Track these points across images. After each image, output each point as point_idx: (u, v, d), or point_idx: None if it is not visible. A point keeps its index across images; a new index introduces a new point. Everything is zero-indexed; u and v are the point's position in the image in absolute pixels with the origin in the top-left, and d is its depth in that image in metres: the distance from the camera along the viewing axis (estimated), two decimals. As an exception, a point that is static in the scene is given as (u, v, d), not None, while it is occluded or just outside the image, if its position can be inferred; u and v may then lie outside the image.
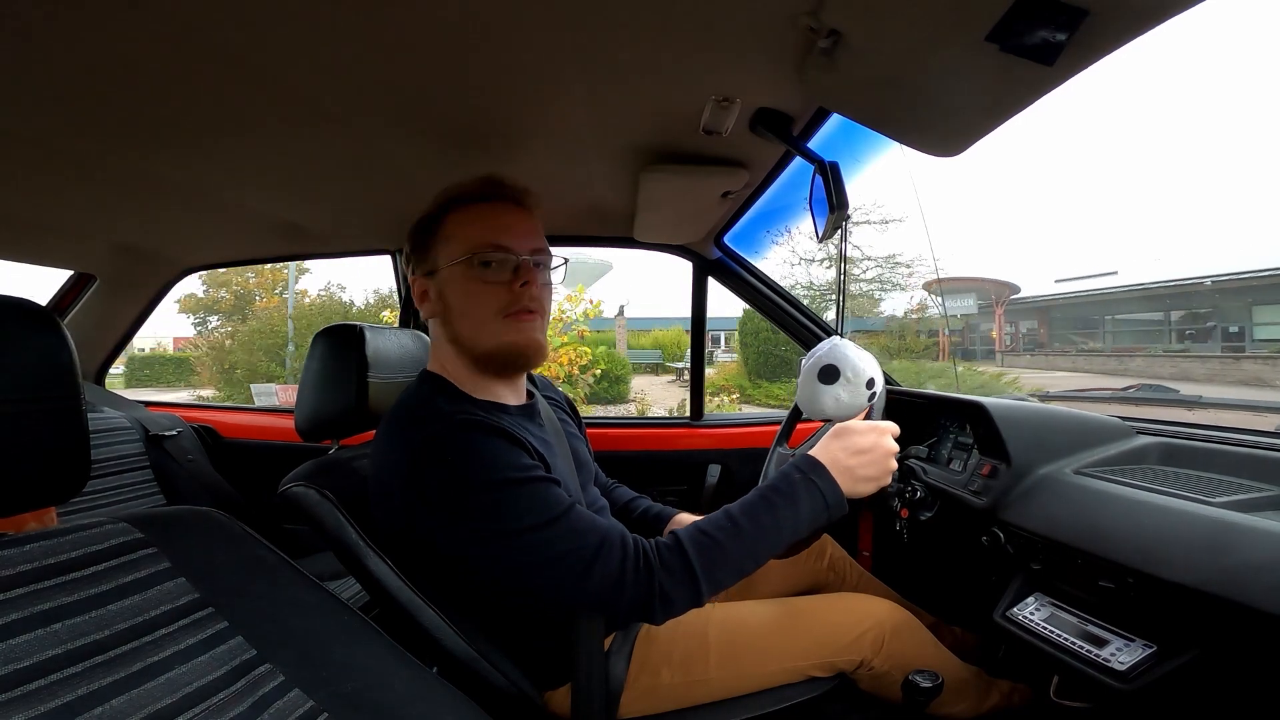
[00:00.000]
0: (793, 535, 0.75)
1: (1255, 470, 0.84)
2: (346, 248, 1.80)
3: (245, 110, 0.85)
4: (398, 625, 0.74)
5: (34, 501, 0.44)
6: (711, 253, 1.64)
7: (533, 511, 0.69)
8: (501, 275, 0.79)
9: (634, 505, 1.12)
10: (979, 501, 1.00)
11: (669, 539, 0.73)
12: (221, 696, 0.44)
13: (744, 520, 0.73)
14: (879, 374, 0.91)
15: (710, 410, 2.19)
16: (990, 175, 29.00)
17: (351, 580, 0.79)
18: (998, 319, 16.85)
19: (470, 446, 0.71)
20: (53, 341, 0.45)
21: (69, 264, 1.72)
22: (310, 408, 1.00)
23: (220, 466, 1.76)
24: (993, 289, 16.82)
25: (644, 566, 0.70)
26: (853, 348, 0.91)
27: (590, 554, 0.69)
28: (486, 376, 0.84)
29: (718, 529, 0.73)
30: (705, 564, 0.71)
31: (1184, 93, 34.52)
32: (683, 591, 0.70)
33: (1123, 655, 0.73)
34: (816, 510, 0.75)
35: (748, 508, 0.75)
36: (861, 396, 0.89)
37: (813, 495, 0.75)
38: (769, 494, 0.76)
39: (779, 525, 0.74)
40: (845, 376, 0.88)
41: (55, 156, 0.99)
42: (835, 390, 0.88)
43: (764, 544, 0.73)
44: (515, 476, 0.70)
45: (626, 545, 0.71)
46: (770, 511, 0.74)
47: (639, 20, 0.66)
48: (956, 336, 16.29)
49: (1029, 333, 17.70)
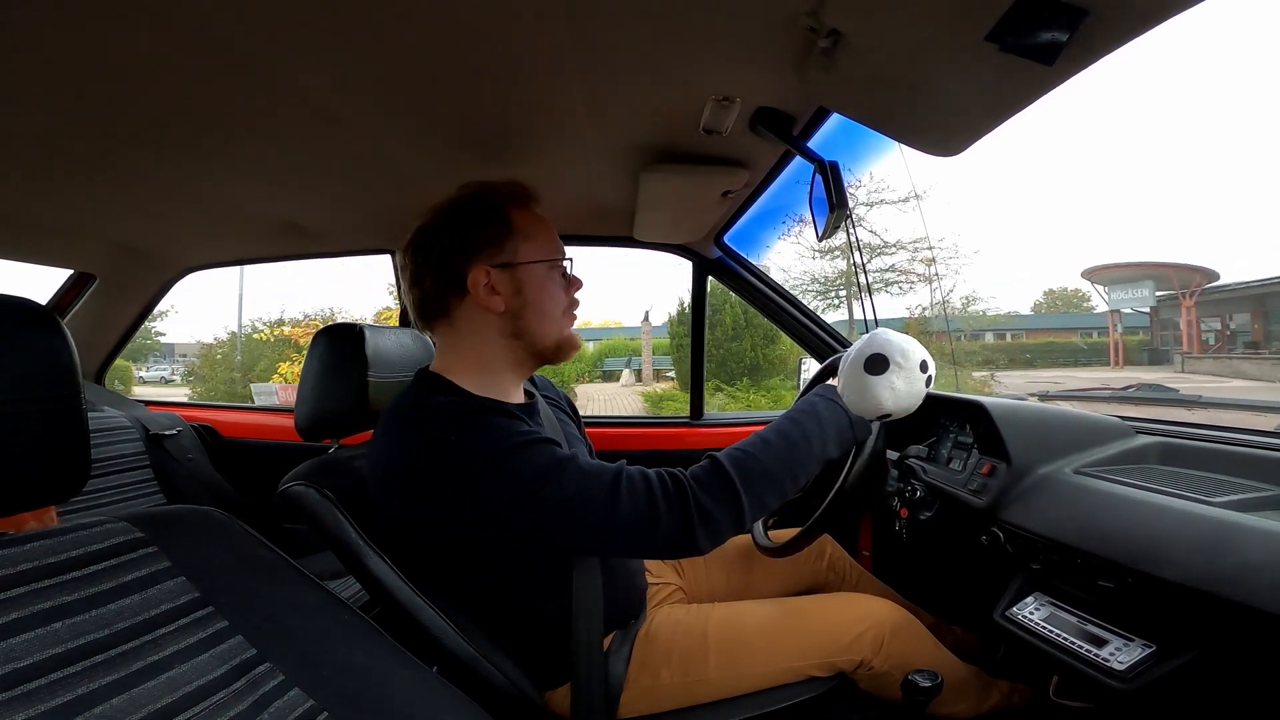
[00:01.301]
0: (821, 452, 0.77)
1: (1255, 470, 0.84)
2: (346, 247, 1.81)
3: (245, 110, 0.85)
4: (398, 624, 0.74)
5: (34, 501, 0.44)
6: (711, 252, 1.64)
7: (537, 467, 0.70)
8: (563, 280, 0.87)
9: None
10: (979, 501, 1.00)
11: (705, 461, 0.73)
12: (221, 695, 0.44)
13: (775, 438, 0.75)
14: (930, 357, 0.83)
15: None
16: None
17: (351, 580, 0.79)
18: (1186, 313, 13.22)
19: (468, 436, 0.71)
20: (53, 341, 0.45)
21: (69, 264, 1.71)
22: (310, 407, 1.00)
23: (220, 466, 1.76)
24: (1176, 275, 13.48)
25: (676, 489, 0.69)
26: (893, 333, 0.84)
27: (609, 488, 0.69)
28: (511, 374, 0.86)
29: (753, 446, 0.74)
30: (745, 479, 0.71)
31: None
32: (726, 511, 0.69)
33: (1122, 655, 0.73)
34: (841, 425, 0.78)
35: (776, 429, 0.77)
36: (919, 382, 0.80)
37: (835, 412, 0.78)
38: (794, 415, 0.78)
39: (809, 439, 0.76)
40: (896, 362, 0.79)
41: (55, 156, 0.99)
42: (889, 379, 0.79)
43: (798, 458, 0.75)
44: (516, 442, 0.71)
45: (649, 475, 0.71)
46: (799, 427, 0.76)
47: (639, 20, 0.66)
48: (1140, 334, 13.01)
49: (1234, 330, 13.11)
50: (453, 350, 0.85)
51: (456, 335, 0.84)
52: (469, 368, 0.83)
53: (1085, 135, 23.26)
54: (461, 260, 0.81)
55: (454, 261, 0.81)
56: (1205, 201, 24.50)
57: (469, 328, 0.83)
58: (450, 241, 0.82)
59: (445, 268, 0.82)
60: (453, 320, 0.84)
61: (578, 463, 0.71)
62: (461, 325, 0.83)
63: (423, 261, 0.83)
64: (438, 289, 0.83)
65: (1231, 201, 23.65)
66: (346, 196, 1.28)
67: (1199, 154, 28.03)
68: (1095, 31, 0.50)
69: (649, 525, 0.68)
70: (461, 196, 0.85)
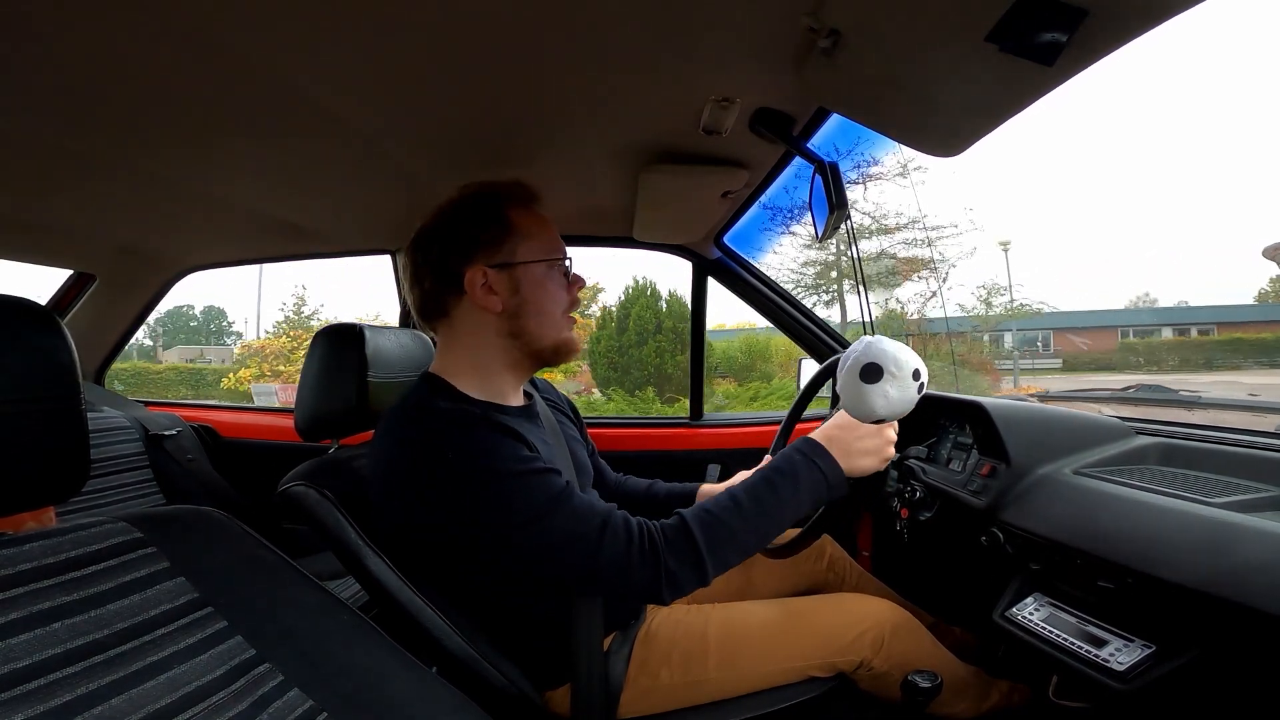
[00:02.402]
0: (794, 513, 0.77)
1: (1254, 470, 0.84)
2: (346, 248, 1.80)
3: (245, 110, 0.85)
4: (397, 625, 0.73)
5: (33, 501, 0.44)
6: (711, 252, 1.64)
7: (532, 502, 0.70)
8: (564, 279, 0.87)
9: (655, 490, 1.14)
10: (978, 502, 1.00)
11: (674, 519, 0.74)
12: (221, 696, 0.44)
13: (747, 500, 0.75)
14: (923, 365, 0.87)
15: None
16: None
17: (351, 580, 0.79)
18: None
19: (469, 441, 0.71)
20: (53, 341, 0.44)
21: (69, 264, 1.72)
22: (310, 407, 1.00)
23: (220, 466, 1.76)
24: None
25: (650, 548, 0.71)
26: (889, 341, 0.87)
27: (595, 536, 0.70)
28: (510, 375, 0.86)
29: (721, 509, 0.74)
30: (710, 543, 0.72)
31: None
32: (689, 572, 0.71)
33: (1122, 655, 0.73)
34: (817, 488, 0.77)
35: (750, 488, 0.76)
36: (911, 390, 0.82)
37: (813, 474, 0.77)
38: (771, 474, 0.77)
39: (781, 503, 0.76)
40: (890, 372, 0.81)
41: (55, 156, 0.99)
42: (883, 388, 0.81)
43: (767, 522, 0.75)
44: (514, 469, 0.71)
45: (630, 527, 0.72)
46: (772, 491, 0.76)
47: (639, 20, 0.66)
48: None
49: None
50: (452, 350, 0.85)
51: (455, 335, 0.84)
52: (467, 369, 0.83)
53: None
54: (459, 260, 0.81)
55: (452, 261, 0.81)
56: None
57: (467, 328, 0.83)
58: (449, 241, 0.82)
59: (444, 267, 0.82)
60: (452, 320, 0.84)
61: (570, 506, 0.71)
62: (460, 325, 0.84)
63: (422, 261, 0.84)
64: (437, 289, 0.83)
65: None
66: (346, 196, 1.28)
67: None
68: (1095, 32, 0.50)
69: (623, 575, 0.71)
70: (462, 196, 0.85)
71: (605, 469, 1.17)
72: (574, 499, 0.72)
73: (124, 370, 10.24)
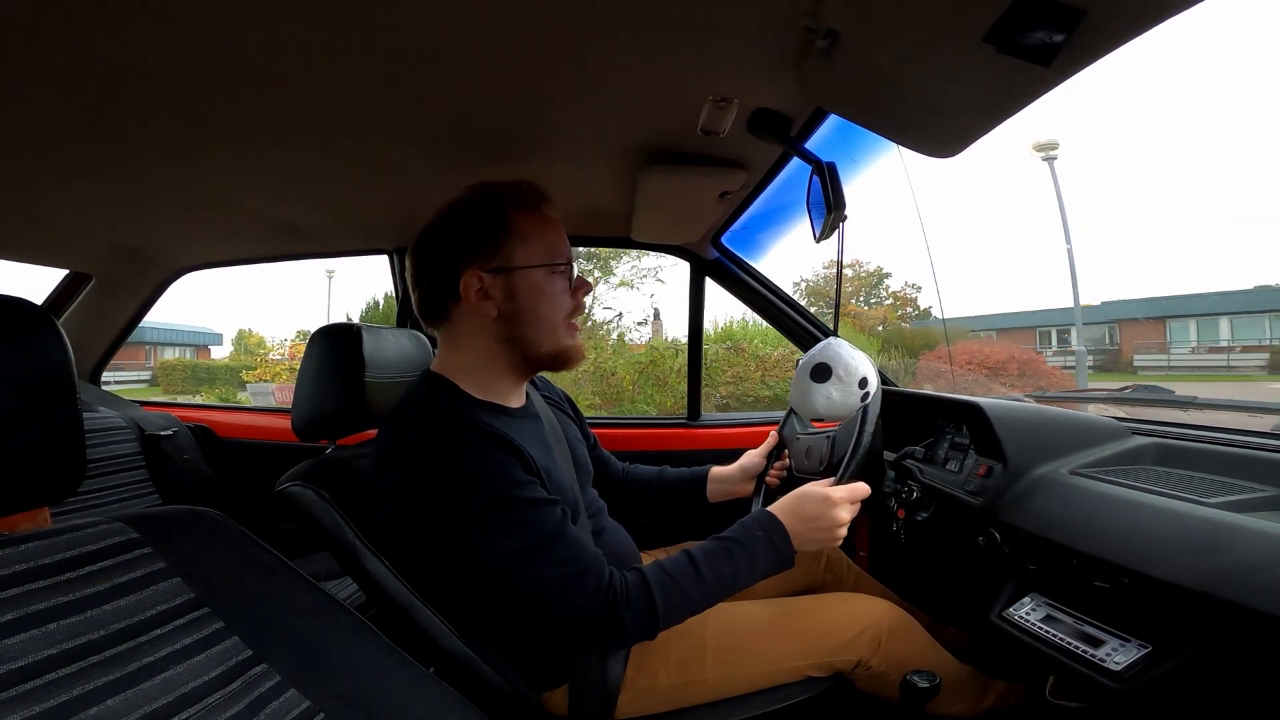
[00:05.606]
0: (746, 583, 0.80)
1: (1250, 471, 0.84)
2: (345, 248, 1.80)
3: (245, 110, 0.85)
4: (394, 625, 0.73)
5: (29, 501, 0.44)
6: (709, 253, 1.64)
7: (519, 536, 0.71)
8: (566, 284, 0.85)
9: (665, 476, 1.17)
10: (975, 502, 1.00)
11: (635, 577, 0.75)
12: (218, 697, 0.44)
13: (706, 569, 0.78)
14: (873, 373, 0.91)
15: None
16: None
17: (348, 580, 0.79)
18: None
19: (467, 453, 0.71)
20: (49, 341, 0.44)
21: (65, 263, 1.71)
22: (307, 407, 1.00)
23: (216, 466, 1.76)
24: None
25: (611, 602, 0.73)
26: (846, 346, 0.91)
27: (567, 585, 0.72)
28: (509, 378, 0.85)
29: (682, 573, 0.77)
30: (667, 608, 0.75)
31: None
32: (641, 629, 0.74)
33: (1118, 655, 0.74)
34: (770, 564, 0.81)
35: (711, 556, 0.79)
36: (854, 396, 0.88)
37: (769, 552, 0.81)
38: (732, 546, 0.80)
39: (736, 576, 0.79)
40: (837, 375, 0.88)
41: (52, 156, 0.99)
42: (828, 389, 0.88)
43: (721, 591, 0.79)
44: (508, 495, 0.71)
45: (600, 580, 0.73)
46: (731, 563, 0.79)
47: (637, 20, 0.66)
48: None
49: None
50: (452, 351, 0.85)
51: (455, 337, 0.84)
52: (467, 370, 0.83)
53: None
54: (455, 263, 0.80)
55: (449, 264, 0.81)
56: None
57: (465, 330, 0.83)
58: (446, 243, 0.82)
59: (441, 270, 0.81)
60: (451, 322, 0.84)
61: (553, 550, 0.72)
62: (459, 328, 0.83)
63: (422, 262, 0.84)
64: (435, 291, 0.83)
65: None
66: (345, 197, 1.28)
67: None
68: (1093, 32, 0.50)
69: (576, 626, 0.74)
70: (465, 197, 0.84)
71: (610, 460, 1.17)
72: (558, 542, 0.73)
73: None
